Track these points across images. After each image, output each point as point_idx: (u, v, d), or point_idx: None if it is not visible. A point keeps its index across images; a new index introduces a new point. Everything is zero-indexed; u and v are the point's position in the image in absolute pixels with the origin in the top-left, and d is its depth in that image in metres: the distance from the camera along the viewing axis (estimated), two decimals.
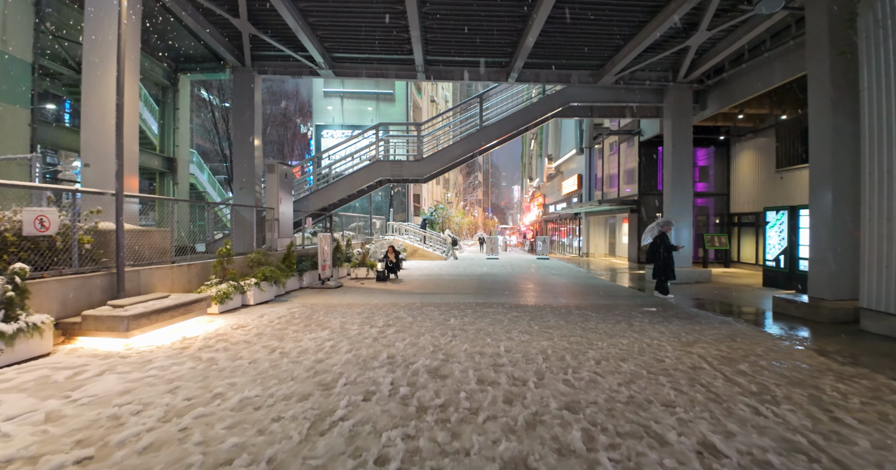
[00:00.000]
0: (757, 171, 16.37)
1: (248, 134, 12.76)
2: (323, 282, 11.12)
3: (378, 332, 5.97)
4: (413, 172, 13.23)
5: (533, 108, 13.45)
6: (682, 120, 13.34)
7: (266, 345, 5.36)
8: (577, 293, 10.29)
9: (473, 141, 13.22)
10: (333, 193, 13.20)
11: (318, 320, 6.84)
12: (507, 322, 6.71)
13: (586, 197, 23.55)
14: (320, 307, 8.11)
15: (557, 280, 13.11)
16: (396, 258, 13.25)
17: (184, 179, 13.75)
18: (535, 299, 9.23)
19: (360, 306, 8.21)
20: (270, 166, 11.46)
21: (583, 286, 11.66)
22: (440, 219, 30.45)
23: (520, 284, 12.00)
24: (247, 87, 12.99)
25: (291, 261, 10.71)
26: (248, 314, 7.44)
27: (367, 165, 13.22)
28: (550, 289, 11.06)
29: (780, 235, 11.45)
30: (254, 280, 8.55)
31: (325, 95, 28.05)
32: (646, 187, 17.57)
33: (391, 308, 7.96)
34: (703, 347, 5.46)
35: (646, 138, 17.20)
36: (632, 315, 7.54)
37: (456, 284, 11.85)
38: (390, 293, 10.13)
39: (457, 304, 8.47)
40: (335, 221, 17.02)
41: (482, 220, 76.01)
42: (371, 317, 7.09)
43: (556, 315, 7.38)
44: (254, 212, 10.91)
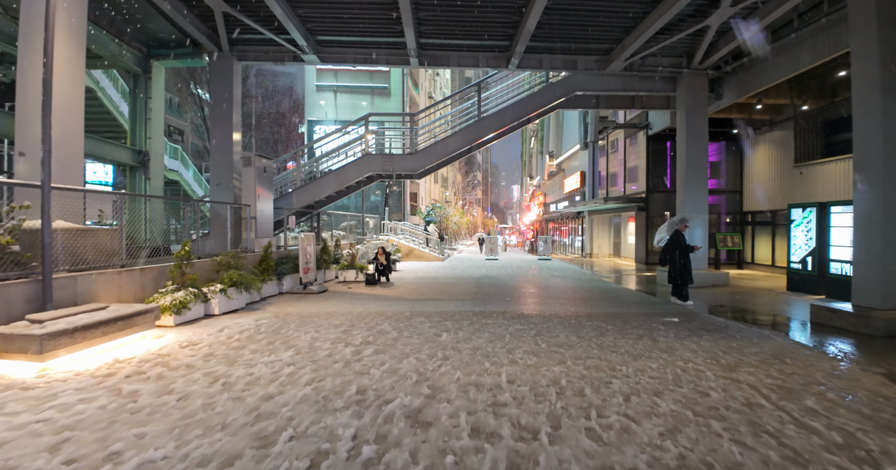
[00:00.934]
0: (773, 167, 15.36)
1: (226, 126, 11.73)
2: (305, 287, 10.08)
3: (353, 352, 4.93)
4: (405, 167, 12.19)
5: (535, 98, 12.42)
6: (696, 110, 12.31)
7: (210, 371, 4.32)
8: (586, 299, 9.26)
9: (471, 133, 12.19)
10: (320, 190, 12.17)
11: (285, 336, 5.79)
12: (508, 338, 5.67)
13: (589, 195, 22.53)
14: (294, 318, 7.07)
15: (562, 283, 12.09)
16: (387, 260, 12.21)
17: (157, 174, 12.70)
18: (539, 307, 8.20)
19: (340, 316, 7.17)
20: (247, 159, 10.42)
21: (590, 291, 10.64)
22: (437, 218, 29.41)
23: (522, 289, 10.97)
24: (225, 74, 11.94)
25: (269, 263, 9.67)
26: (208, 327, 6.40)
27: (356, 160, 12.18)
28: (556, 294, 10.03)
29: (808, 235, 10.43)
30: (219, 286, 7.51)
31: (318, 90, 27.01)
32: (654, 184, 16.55)
33: (375, 319, 6.92)
34: (751, 373, 4.44)
35: (654, 132, 16.18)
36: (653, 327, 6.51)
37: (452, 289, 10.82)
38: (378, 299, 9.09)
39: (451, 313, 7.43)
40: (324, 220, 15.99)
41: (481, 220, 75.00)
42: (349, 331, 6.05)
43: (566, 328, 6.35)
44: (228, 209, 9.87)
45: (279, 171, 13.22)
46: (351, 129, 13.29)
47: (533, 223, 43.29)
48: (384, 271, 12.20)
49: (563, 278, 13.40)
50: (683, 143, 12.33)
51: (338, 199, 13.84)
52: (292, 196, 12.20)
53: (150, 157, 12.50)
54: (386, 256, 12.23)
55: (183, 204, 8.78)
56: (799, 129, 14.24)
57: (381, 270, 12.18)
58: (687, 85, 12.33)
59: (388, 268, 12.24)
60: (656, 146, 16.63)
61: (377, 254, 12.27)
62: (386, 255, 12.25)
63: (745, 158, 16.72)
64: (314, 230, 14.14)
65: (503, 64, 11.85)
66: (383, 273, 12.22)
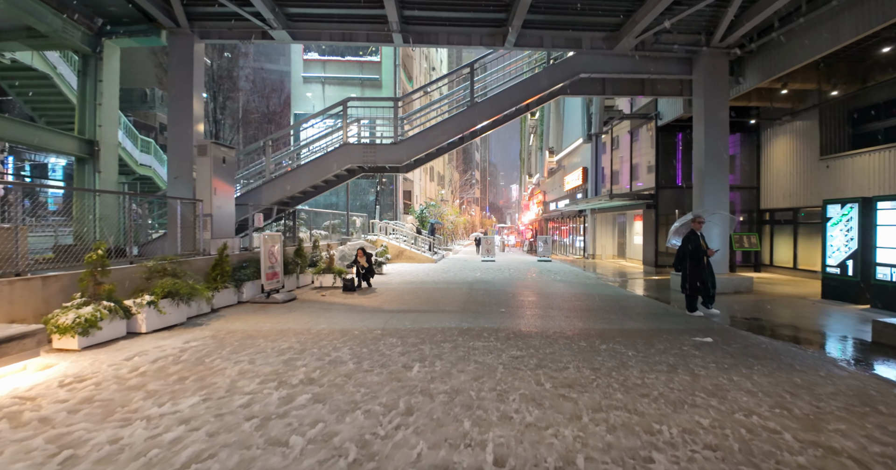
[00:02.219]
0: (794, 160, 14.01)
1: (185, 112, 10.35)
2: (268, 295, 8.69)
3: (281, 400, 3.54)
4: (389, 158, 10.80)
5: (535, 81, 11.03)
6: (716, 94, 10.96)
7: (64, 433, 2.95)
8: (595, 311, 7.88)
9: (464, 120, 10.80)
10: (292, 184, 10.78)
11: (207, 368, 4.40)
12: (501, 371, 4.28)
13: (592, 192, 21.16)
14: (236, 338, 5.68)
15: (565, 290, 10.71)
16: (368, 262, 10.83)
17: (109, 167, 11.27)
18: (541, 322, 6.81)
19: (294, 336, 5.78)
20: (202, 148, 9.03)
21: (599, 299, 9.26)
22: (432, 218, 27.99)
23: (520, 297, 9.59)
24: (184, 54, 10.56)
25: (224, 268, 8.28)
26: (120, 352, 5.03)
27: (333, 150, 10.78)
28: (559, 303, 8.65)
29: (848, 235, 9.08)
30: (148, 298, 6.12)
31: (305, 81, 25.58)
32: (664, 180, 15.19)
33: (336, 340, 5.54)
34: (843, 432, 3.08)
35: (664, 123, 14.82)
36: (684, 352, 5.14)
37: (440, 296, 9.44)
38: (350, 310, 7.71)
39: (432, 331, 6.04)
40: (303, 219, 14.61)
41: (479, 219, 73.62)
42: (294, 360, 4.66)
43: (576, 354, 4.96)
44: (178, 205, 8.48)
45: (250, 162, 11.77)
46: (328, 119, 11.86)
47: (532, 222, 41.93)
48: (365, 275, 10.82)
49: (565, 283, 12.03)
50: (701, 132, 10.97)
51: (316, 195, 12.44)
52: (261, 191, 10.81)
53: (101, 148, 11.07)
54: (367, 258, 10.84)
55: (121, 198, 7.39)
56: (825, 117, 12.90)
57: (363, 273, 10.81)
58: (705, 66, 10.97)
59: (369, 271, 10.85)
60: (666, 138, 15.26)
61: (356, 256, 10.89)
62: (367, 256, 10.86)
63: (762, 151, 15.38)
64: (290, 230, 12.75)
65: (499, 42, 10.48)
66: (365, 277, 10.85)
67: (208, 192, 8.96)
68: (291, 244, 11.90)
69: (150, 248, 10.03)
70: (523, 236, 47.69)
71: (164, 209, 13.83)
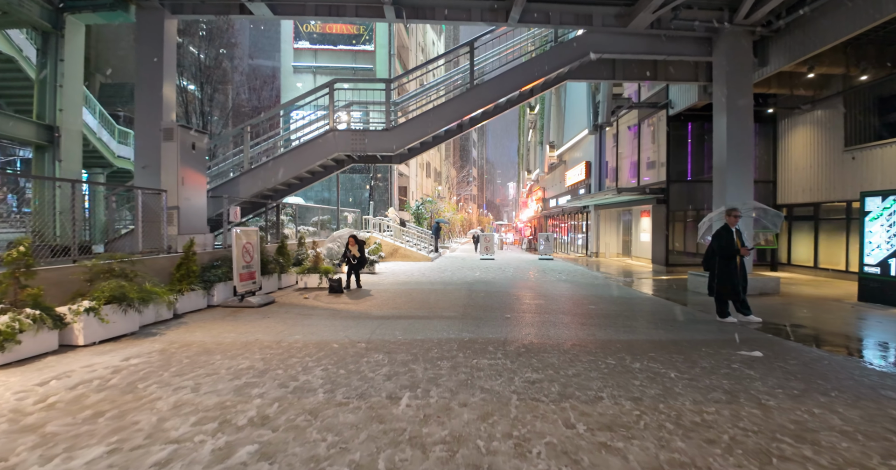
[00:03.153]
0: (815, 152, 13.10)
1: (155, 95, 9.30)
2: (242, 298, 7.69)
3: (211, 459, 2.54)
4: (380, 146, 9.80)
5: (541, 61, 10.03)
6: (738, 77, 10.01)
7: None
8: (613, 316, 6.92)
9: (462, 104, 9.81)
10: (273, 175, 9.77)
11: (135, 399, 3.41)
12: (516, 405, 3.30)
13: (595, 187, 20.22)
14: (190, 353, 4.68)
15: (573, 291, 9.76)
16: (361, 252, 9.78)
17: (71, 156, 10.20)
18: (553, 331, 5.84)
19: (259, 351, 4.79)
20: (168, 132, 8.00)
21: (613, 302, 8.32)
22: (428, 214, 27.00)
23: (525, 299, 8.63)
24: (154, 32, 9.52)
25: (190, 268, 7.27)
26: (40, 372, 4.05)
27: (318, 137, 9.76)
28: (570, 307, 7.69)
29: (890, 231, 8.16)
30: (87, 304, 5.11)
31: (295, 71, 24.48)
32: (675, 173, 14.25)
33: (309, 356, 4.55)
34: None
35: (676, 112, 13.86)
36: (736, 372, 4.19)
37: (436, 299, 8.46)
38: (333, 317, 6.71)
39: (427, 344, 5.06)
40: (288, 214, 13.60)
41: (476, 217, 72.64)
42: (250, 386, 3.67)
43: (605, 375, 4.00)
44: (139, 196, 7.45)
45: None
46: (314, 103, 10.81)
47: (531, 220, 41.01)
48: (357, 266, 9.78)
49: (572, 284, 11.07)
50: (722, 120, 10.03)
51: (302, 188, 11.42)
52: (238, 182, 9.78)
53: (62, 134, 10.00)
54: (359, 246, 9.82)
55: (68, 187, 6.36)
56: (850, 105, 11.99)
57: (355, 264, 9.77)
58: (727, 47, 10.02)
59: (362, 261, 9.81)
60: (677, 129, 14.32)
61: (347, 244, 9.86)
62: (359, 244, 9.83)
63: (779, 143, 14.46)
64: (274, 225, 11.73)
65: (501, 18, 9.48)
66: (356, 269, 9.79)
67: (175, 181, 7.94)
68: (275, 241, 10.89)
69: (117, 245, 8.99)
70: (522, 234, 46.81)
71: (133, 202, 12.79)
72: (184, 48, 24.83)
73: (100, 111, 16.25)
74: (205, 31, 25.60)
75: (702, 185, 14.43)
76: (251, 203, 10.83)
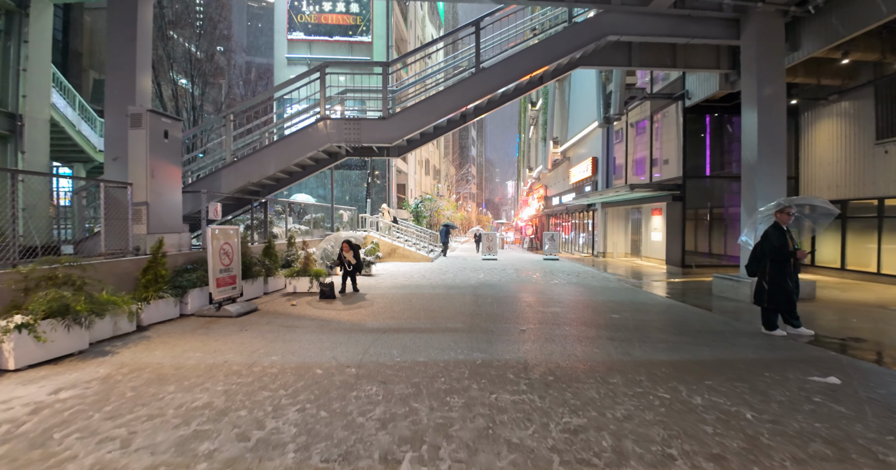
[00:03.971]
0: (843, 146, 12.25)
1: (126, 78, 8.34)
2: (219, 306, 6.77)
3: None
4: (376, 137, 8.89)
5: (552, 44, 9.12)
6: (770, 62, 9.13)
7: None
8: (643, 328, 6.03)
9: (467, 90, 8.90)
10: (258, 168, 8.85)
11: (41, 460, 2.51)
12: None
13: (603, 184, 19.35)
14: (138, 383, 3.78)
15: (589, 297, 8.87)
16: (357, 258, 8.91)
17: (37, 147, 9.26)
18: (581, 349, 4.95)
19: (226, 377, 3.89)
20: (136, 117, 7.06)
21: (637, 310, 7.44)
22: (427, 212, 26.07)
23: (538, 307, 7.74)
24: (127, 10, 8.56)
25: (158, 272, 6.36)
26: None
27: (307, 127, 8.84)
28: (591, 316, 6.80)
29: None
30: (19, 319, 4.20)
31: (290, 63, 23.48)
32: (692, 168, 13.37)
33: (284, 388, 3.64)
34: None
35: (693, 103, 12.98)
36: (822, 408, 3.30)
37: (439, 305, 7.57)
38: (322, 328, 5.81)
39: (432, 369, 4.17)
40: (278, 212, 12.69)
41: (476, 215, 71.76)
42: (200, 437, 2.76)
43: (665, 419, 3.09)
44: (101, 191, 6.53)
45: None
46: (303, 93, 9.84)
47: (532, 218, 40.14)
48: (353, 273, 8.91)
49: (585, 288, 10.19)
50: (752, 110, 9.14)
51: (292, 182, 10.49)
52: (220, 176, 8.86)
53: (26, 123, 9.06)
54: (354, 252, 8.93)
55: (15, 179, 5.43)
56: (883, 95, 11.12)
57: (350, 271, 8.90)
58: (757, 29, 9.14)
59: (357, 267, 8.93)
60: (694, 122, 13.44)
61: (341, 250, 8.99)
62: (354, 250, 8.95)
63: (801, 136, 13.60)
64: (260, 224, 10.81)
65: None
66: (351, 275, 8.94)
67: (143, 173, 7.02)
68: (263, 241, 9.98)
69: (87, 245, 8.08)
70: (523, 233, 45.97)
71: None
72: (175, 41, 23.88)
73: (80, 102, 15.26)
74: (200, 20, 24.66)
75: (720, 182, 13.58)
76: (236, 199, 9.91)
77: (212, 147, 9.08)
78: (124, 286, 6.20)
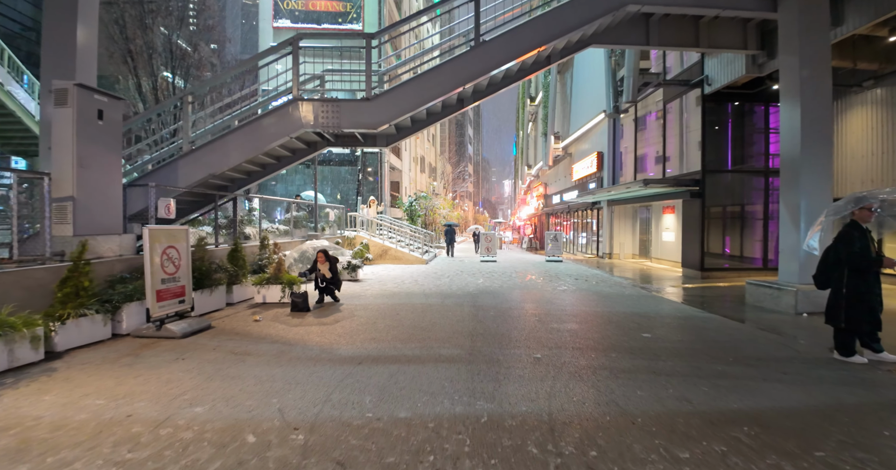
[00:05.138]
0: (880, 137, 11.06)
1: (63, 56, 7.02)
2: (160, 325, 5.49)
3: None
4: (360, 121, 7.62)
5: (564, 14, 7.87)
6: (814, 37, 7.92)
7: None
8: (688, 354, 4.79)
9: (464, 67, 7.63)
10: (222, 159, 7.57)
11: None
12: None
13: (609, 180, 18.15)
14: None
15: (607, 307, 7.64)
16: (333, 272, 7.67)
17: None
18: (622, 390, 3.70)
19: (113, 450, 2.63)
20: (61, 93, 5.76)
21: (671, 327, 6.21)
22: (422, 210, 24.79)
23: (551, 323, 6.49)
24: None
25: (80, 283, 5.08)
26: None
27: (277, 108, 7.54)
28: (619, 338, 5.55)
29: None
30: None
31: None
32: (713, 162, 12.17)
33: (198, 461, 2.39)
34: None
35: (714, 90, 11.76)
36: None
37: (431, 321, 6.32)
38: (278, 359, 4.54)
39: (416, 435, 2.91)
40: (252, 209, 11.41)
41: (473, 215, 70.49)
42: None
43: None
44: (12, 180, 5.25)
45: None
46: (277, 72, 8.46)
47: (530, 217, 38.94)
48: (327, 288, 7.68)
49: (598, 296, 8.97)
50: (794, 90, 7.93)
51: (265, 176, 9.18)
52: (176, 167, 7.57)
53: None
54: (330, 265, 7.69)
55: None
56: None
57: (323, 286, 7.67)
58: (798, 1, 7.93)
59: (333, 282, 7.70)
60: (715, 112, 12.23)
61: (316, 261, 7.74)
62: (330, 262, 7.70)
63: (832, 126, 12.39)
64: (230, 222, 9.52)
65: None
66: (327, 290, 7.71)
67: (69, 162, 5.72)
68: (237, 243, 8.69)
69: (31, 247, 6.78)
70: (521, 232, 44.79)
71: None
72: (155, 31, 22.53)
73: (33, 83, 13.92)
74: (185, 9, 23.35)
75: (742, 177, 12.40)
76: (202, 196, 8.60)
77: (169, 136, 7.78)
78: (36, 302, 4.93)
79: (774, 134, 12.40)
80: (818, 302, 7.34)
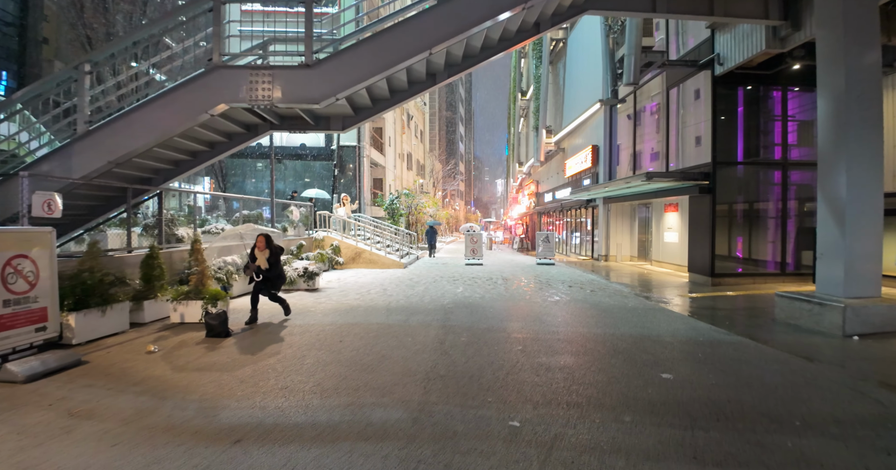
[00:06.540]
0: None
1: None
2: (2, 361, 3.90)
3: None
4: (298, 94, 6.02)
5: None
6: (858, 6, 6.47)
7: None
8: (733, 413, 3.30)
9: (430, 26, 6.02)
10: (126, 141, 5.97)
11: None
12: None
13: (605, 176, 16.70)
14: None
15: (610, 329, 6.15)
16: (274, 261, 6.14)
17: None
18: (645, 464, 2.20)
19: None
20: None
21: (696, 358, 4.73)
22: (405, 209, 23.19)
23: (538, 353, 4.98)
24: None
25: None
26: None
27: (195, 77, 5.94)
28: (630, 378, 4.05)
29: None
30: None
31: (244, 39, 20.40)
32: (724, 153, 10.73)
33: None
34: None
35: (726, 70, 10.30)
36: None
37: (381, 354, 4.79)
38: (132, 422, 2.97)
39: None
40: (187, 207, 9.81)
41: (464, 214, 68.97)
42: None
43: None
44: None
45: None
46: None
47: (522, 216, 37.50)
48: (264, 284, 6.12)
49: (598, 310, 7.48)
50: (836, 62, 6.47)
51: (196, 165, 7.55)
52: (70, 153, 5.97)
53: None
54: (272, 252, 6.15)
55: None
56: None
57: (260, 282, 6.12)
58: None
59: (274, 281, 6.16)
60: (725, 98, 10.77)
61: (253, 249, 6.21)
62: (271, 250, 6.17)
63: None
64: (155, 224, 7.91)
65: None
66: (266, 291, 6.16)
67: None
68: (153, 248, 7.06)
69: None
70: (513, 232, 43.37)
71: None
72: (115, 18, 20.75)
73: None
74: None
75: (756, 170, 10.98)
76: (119, 190, 6.96)
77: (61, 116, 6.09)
78: None
79: (793, 122, 11.00)
80: (872, 322, 5.92)
